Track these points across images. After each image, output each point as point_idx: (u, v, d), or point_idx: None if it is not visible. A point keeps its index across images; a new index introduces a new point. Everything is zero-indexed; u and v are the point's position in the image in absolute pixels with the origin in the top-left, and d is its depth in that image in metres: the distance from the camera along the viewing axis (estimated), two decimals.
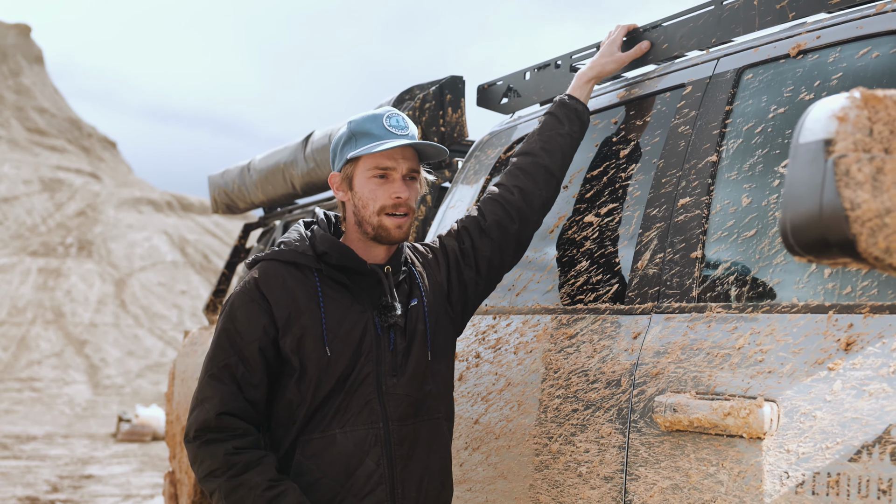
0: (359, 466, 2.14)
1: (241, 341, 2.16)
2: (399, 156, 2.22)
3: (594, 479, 2.08)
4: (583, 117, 2.50)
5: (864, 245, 1.15)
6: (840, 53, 1.96)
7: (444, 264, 2.38)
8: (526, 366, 2.41)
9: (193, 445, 2.16)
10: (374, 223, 2.21)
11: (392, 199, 2.20)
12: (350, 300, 2.20)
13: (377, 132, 2.21)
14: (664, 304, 2.11)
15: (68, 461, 11.65)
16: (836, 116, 1.20)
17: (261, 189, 5.13)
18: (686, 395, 1.88)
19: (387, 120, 2.22)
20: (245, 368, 2.15)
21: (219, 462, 2.11)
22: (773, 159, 2.00)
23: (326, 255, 2.20)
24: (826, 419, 1.61)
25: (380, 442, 2.16)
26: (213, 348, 2.19)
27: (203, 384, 2.18)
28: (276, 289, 2.17)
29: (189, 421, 2.18)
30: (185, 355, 5.28)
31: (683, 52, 2.49)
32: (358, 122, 2.24)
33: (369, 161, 2.21)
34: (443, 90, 3.86)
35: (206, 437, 2.14)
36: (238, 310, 2.18)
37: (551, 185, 2.45)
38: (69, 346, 26.34)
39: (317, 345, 2.15)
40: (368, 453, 2.15)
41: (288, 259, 2.21)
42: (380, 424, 2.17)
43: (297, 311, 2.16)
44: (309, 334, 2.15)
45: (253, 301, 2.17)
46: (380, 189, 2.21)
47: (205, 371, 2.19)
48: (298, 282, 2.19)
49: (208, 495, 2.19)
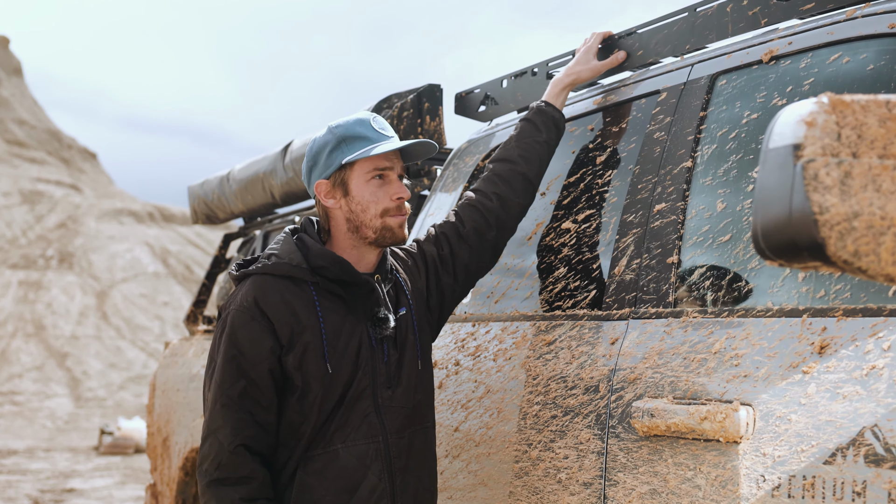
0: (362, 481, 2.11)
1: (248, 364, 2.09)
2: (394, 156, 2.22)
3: (573, 485, 2.08)
4: (559, 125, 2.51)
5: (833, 249, 1.16)
6: (812, 59, 1.98)
7: (424, 270, 2.36)
8: (505, 373, 2.41)
9: (204, 481, 2.11)
10: (376, 226, 2.18)
11: (395, 201, 2.19)
12: (345, 311, 2.16)
13: (370, 135, 2.19)
14: (641, 309, 2.11)
15: (50, 475, 11.55)
16: (805, 121, 1.21)
17: (240, 199, 5.12)
18: (663, 400, 1.89)
19: (374, 122, 2.21)
20: (256, 392, 2.09)
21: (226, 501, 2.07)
22: (747, 164, 2.01)
23: (325, 269, 2.14)
24: (801, 422, 1.62)
25: (380, 455, 2.13)
26: (220, 374, 2.11)
27: (214, 413, 2.10)
28: (276, 305, 2.11)
29: (202, 453, 2.12)
30: (165, 367, 5.25)
31: (658, 59, 2.51)
32: (346, 127, 2.20)
33: (367, 164, 2.18)
34: (421, 98, 3.87)
35: (216, 476, 2.08)
36: (239, 331, 2.10)
37: (529, 192, 2.45)
38: (50, 358, 26.14)
39: (319, 361, 2.10)
40: (370, 467, 2.12)
41: (283, 273, 2.14)
42: (379, 438, 2.14)
43: (298, 328, 2.10)
44: (310, 350, 2.10)
45: (254, 320, 2.10)
46: (380, 191, 2.19)
47: (214, 400, 2.11)
48: (296, 296, 2.13)
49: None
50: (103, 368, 26.13)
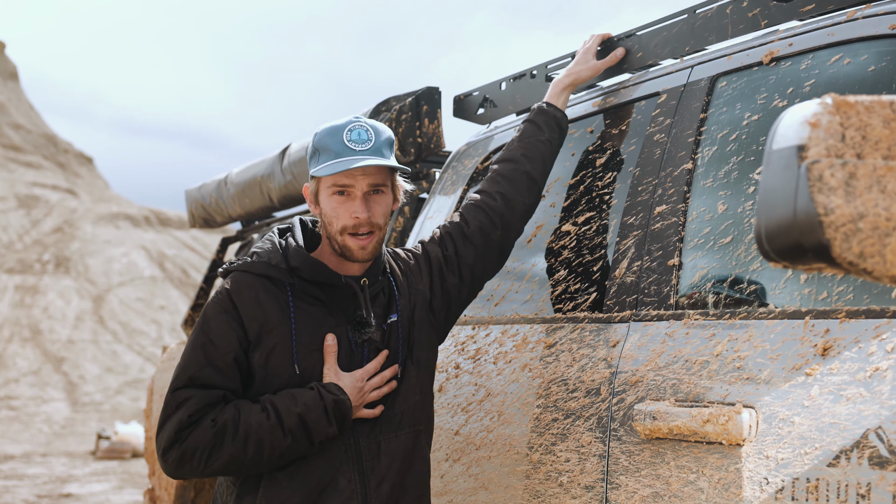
0: (329, 483, 2.11)
1: (216, 352, 2.10)
2: (358, 172, 2.12)
3: (575, 488, 2.08)
4: (562, 124, 2.50)
5: (839, 250, 1.15)
6: (812, 60, 1.98)
7: (427, 271, 2.34)
8: (506, 376, 2.40)
9: (176, 452, 2.05)
10: (339, 241, 2.16)
11: (352, 220, 2.13)
12: (324, 314, 2.16)
13: (335, 148, 2.12)
14: (642, 311, 2.11)
15: (47, 480, 11.53)
16: (809, 122, 1.20)
17: (238, 203, 5.11)
18: (665, 403, 1.88)
19: (347, 134, 2.13)
20: (220, 378, 2.09)
21: (209, 439, 2.04)
22: (748, 166, 2.01)
23: (298, 269, 2.15)
24: (804, 424, 1.62)
25: (350, 457, 2.13)
26: (186, 358, 2.11)
27: (173, 396, 2.09)
28: (249, 302, 2.12)
29: (164, 435, 2.07)
30: (163, 371, 5.24)
31: (658, 61, 2.50)
32: (319, 137, 2.17)
33: (328, 179, 2.15)
34: (419, 101, 3.86)
35: (182, 437, 2.05)
36: (211, 320, 2.13)
37: (533, 191, 2.43)
38: (47, 363, 26.09)
39: (285, 362, 2.11)
40: (339, 469, 2.12)
41: (260, 272, 2.16)
42: (350, 440, 2.14)
43: (267, 327, 2.11)
44: (278, 351, 2.11)
45: (225, 311, 2.12)
46: (340, 207, 2.14)
47: (171, 386, 2.10)
48: (271, 295, 2.15)
49: (224, 485, 2.16)
50: (100, 373, 26.08)
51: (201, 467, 2.07)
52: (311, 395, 2.08)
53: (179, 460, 2.06)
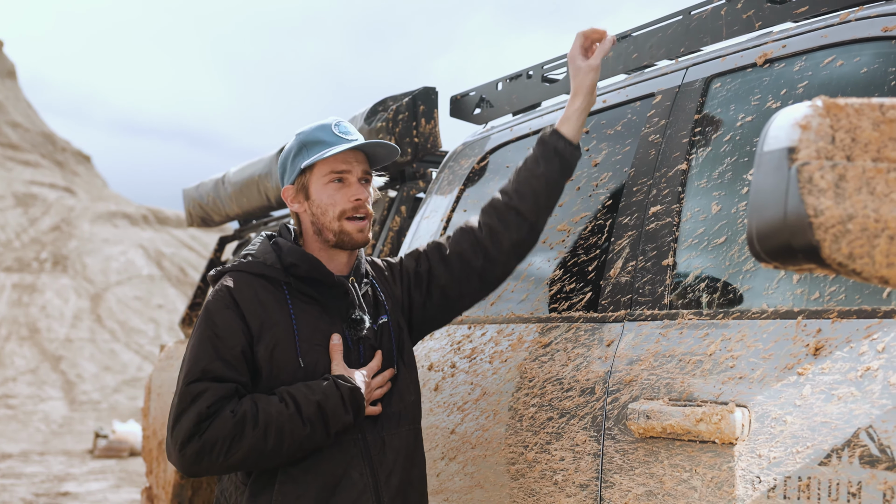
0: (343, 476, 2.14)
1: (224, 346, 2.11)
2: (353, 159, 2.23)
3: (570, 486, 2.09)
4: (563, 154, 2.30)
5: (828, 251, 1.17)
6: (806, 62, 1.99)
7: (399, 281, 2.38)
8: (501, 375, 2.41)
9: (195, 445, 2.04)
10: (335, 228, 2.21)
11: (352, 202, 2.21)
12: (319, 313, 2.20)
13: (328, 139, 2.22)
14: (637, 311, 2.12)
15: (44, 478, 11.53)
16: (799, 125, 1.22)
17: (236, 202, 5.12)
18: (659, 402, 1.89)
19: (335, 127, 2.24)
20: (230, 371, 2.10)
21: (229, 430, 2.04)
22: (742, 167, 2.02)
23: (295, 266, 2.19)
24: (796, 424, 1.63)
25: (360, 452, 2.17)
26: (195, 354, 2.11)
27: (187, 388, 2.08)
28: (249, 298, 2.16)
29: (181, 428, 2.05)
30: (161, 370, 5.25)
31: (653, 62, 2.51)
32: (307, 133, 2.25)
33: (324, 167, 2.22)
34: (416, 101, 3.87)
35: (202, 429, 2.04)
36: (216, 316, 2.14)
37: (523, 228, 2.32)
38: (44, 362, 26.09)
39: (290, 356, 2.14)
40: (351, 463, 2.15)
41: (257, 271, 2.20)
42: (358, 435, 2.18)
43: (269, 322, 2.15)
44: (281, 346, 2.14)
45: (228, 308, 2.15)
46: (338, 193, 2.22)
47: (184, 380, 2.09)
48: (269, 293, 2.18)
49: (233, 486, 2.17)
50: (98, 371, 26.08)
51: (220, 460, 2.05)
52: (327, 385, 2.11)
53: (199, 453, 2.05)
